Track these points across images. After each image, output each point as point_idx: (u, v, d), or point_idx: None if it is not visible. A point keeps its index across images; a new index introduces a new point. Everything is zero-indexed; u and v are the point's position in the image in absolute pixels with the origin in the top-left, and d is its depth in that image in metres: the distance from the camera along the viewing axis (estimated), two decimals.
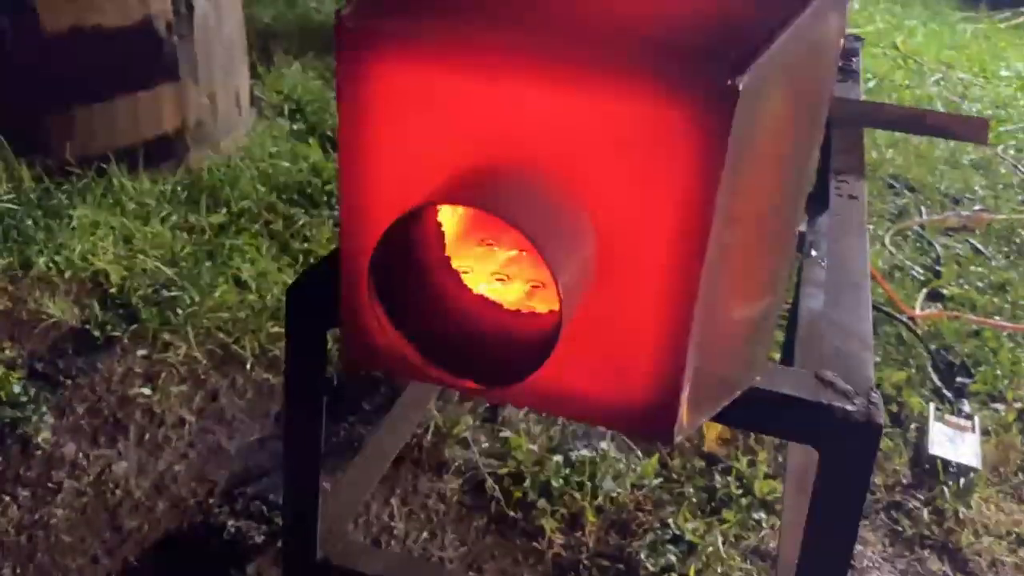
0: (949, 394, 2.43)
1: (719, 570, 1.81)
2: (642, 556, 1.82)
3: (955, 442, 2.20)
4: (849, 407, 0.86)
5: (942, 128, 1.52)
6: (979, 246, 3.30)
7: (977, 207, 3.60)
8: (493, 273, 0.83)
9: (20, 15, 2.76)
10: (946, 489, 2.06)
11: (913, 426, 2.29)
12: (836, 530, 0.90)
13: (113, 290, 2.42)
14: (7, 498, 1.83)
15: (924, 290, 2.92)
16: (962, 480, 2.09)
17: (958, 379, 2.49)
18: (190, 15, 2.93)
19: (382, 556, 1.43)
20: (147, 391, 2.12)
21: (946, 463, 2.12)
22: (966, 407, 2.37)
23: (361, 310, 0.80)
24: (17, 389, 2.05)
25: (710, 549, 1.83)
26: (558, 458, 2.00)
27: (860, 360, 0.93)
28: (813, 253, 2.09)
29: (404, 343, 0.74)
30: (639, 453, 2.07)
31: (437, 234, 0.79)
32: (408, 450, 2.01)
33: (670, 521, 1.91)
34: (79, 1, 2.73)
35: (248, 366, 2.24)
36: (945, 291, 2.95)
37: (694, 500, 1.98)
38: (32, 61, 2.82)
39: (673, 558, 1.81)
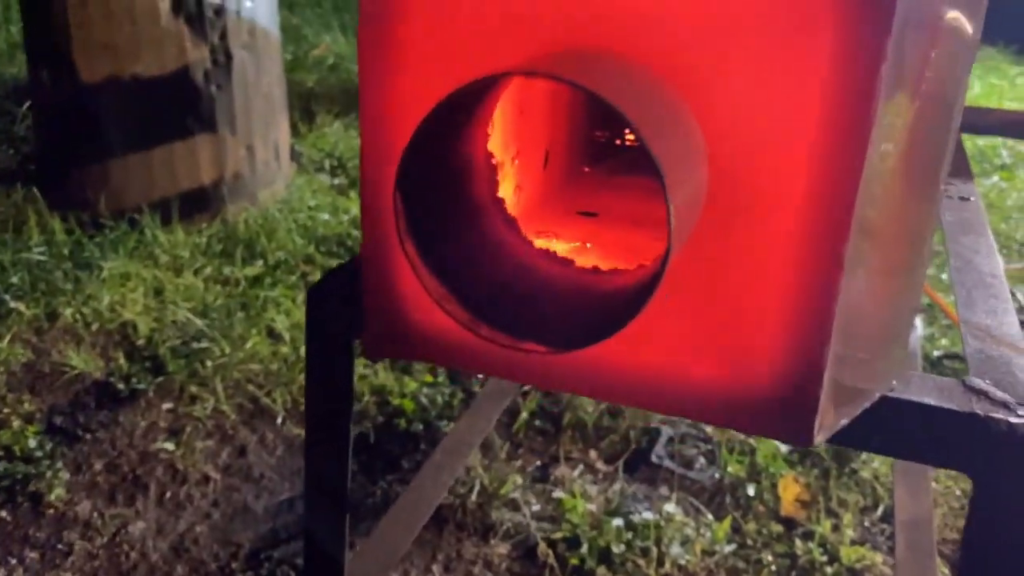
0: None
1: None
2: None
3: None
4: (1013, 419, 0.67)
5: None
6: None
7: None
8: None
9: (57, 65, 2.72)
10: None
11: None
12: None
13: (141, 342, 2.29)
14: (13, 560, 1.66)
15: None
16: None
17: None
18: (228, 65, 2.87)
19: None
20: (170, 446, 1.96)
21: None
22: None
23: (386, 266, 0.64)
24: (32, 444, 1.90)
25: None
26: (618, 521, 1.79)
27: (1016, 366, 0.74)
28: None
29: (440, 292, 0.56)
30: (709, 516, 1.86)
31: (487, 167, 0.62)
32: (451, 512, 1.82)
33: None
34: (116, 50, 2.69)
35: (279, 421, 2.08)
36: None
37: (773, 568, 1.75)
38: (68, 112, 2.77)
39: None
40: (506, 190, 0.65)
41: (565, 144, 0.97)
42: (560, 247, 0.65)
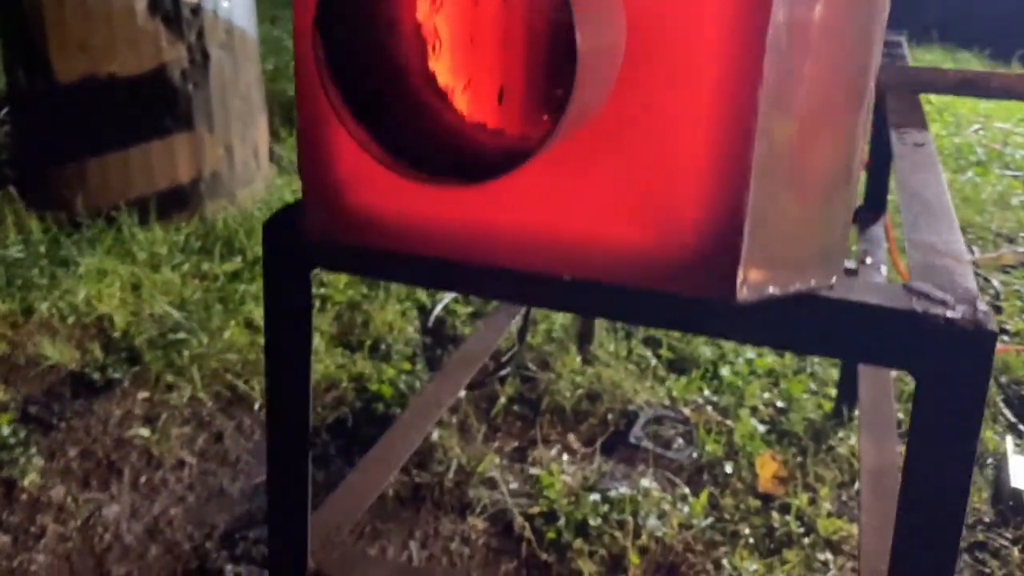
0: None
1: None
2: None
3: None
4: (951, 314, 0.68)
5: (1009, 90, 1.37)
6: None
7: None
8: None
9: (33, 66, 2.72)
10: None
11: (989, 462, 2.06)
12: (943, 482, 0.70)
13: (117, 334, 2.29)
14: None
15: None
16: None
17: None
18: (205, 64, 2.88)
19: (383, 566, 1.22)
20: (146, 432, 1.96)
21: None
22: None
23: (322, 143, 0.64)
24: (6, 432, 1.89)
25: None
26: (595, 496, 1.80)
27: (957, 273, 0.75)
28: (868, 260, 1.91)
29: (362, 135, 0.56)
30: (686, 491, 1.86)
31: (415, 38, 0.63)
32: (428, 490, 1.82)
33: (724, 562, 1.69)
34: (93, 49, 2.69)
35: (257, 407, 2.07)
36: (1009, 326, 2.74)
37: (751, 540, 1.75)
38: (45, 112, 2.78)
39: None
40: (442, 70, 0.66)
41: (522, 89, 0.98)
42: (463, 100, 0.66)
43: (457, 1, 0.74)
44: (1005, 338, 2.66)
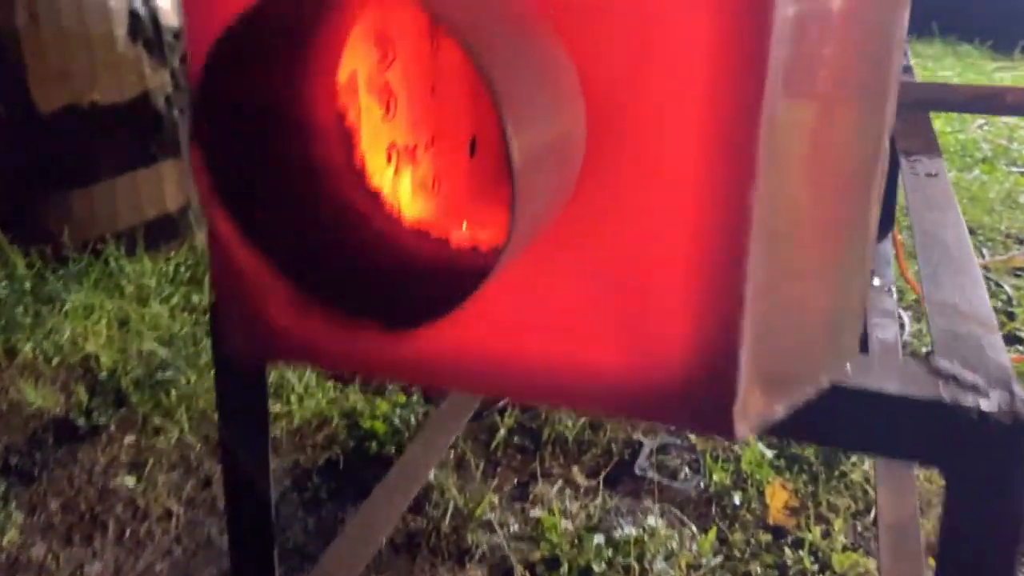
0: None
1: None
2: None
3: None
4: (984, 404, 0.60)
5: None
6: None
7: None
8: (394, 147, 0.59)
9: (13, 96, 2.65)
10: None
11: None
12: None
13: (103, 375, 2.22)
14: None
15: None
16: None
17: None
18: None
19: None
20: (131, 481, 1.88)
21: None
22: None
23: (234, 257, 0.56)
24: None
25: None
26: (599, 538, 1.72)
27: (986, 344, 0.67)
28: (876, 282, 1.83)
29: (260, 264, 0.48)
30: (693, 528, 1.78)
31: (336, 129, 0.55)
32: (424, 536, 1.74)
33: None
34: (73, 79, 2.62)
35: None
36: (1022, 333, 2.65)
37: None
38: (27, 143, 2.70)
39: None
40: (404, 205, 0.58)
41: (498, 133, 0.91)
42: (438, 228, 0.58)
43: (412, 57, 0.66)
44: (1020, 348, 2.57)
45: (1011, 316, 2.76)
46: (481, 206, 0.82)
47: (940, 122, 4.84)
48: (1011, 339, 2.62)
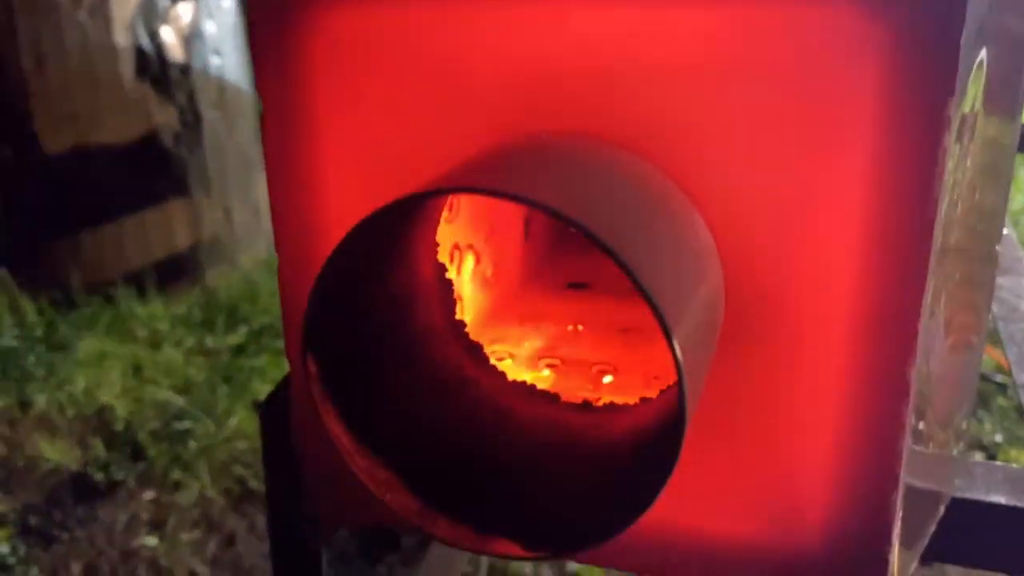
0: None
1: None
2: None
3: None
4: None
5: None
6: None
7: None
8: (537, 357, 0.55)
9: (20, 140, 2.61)
10: None
11: None
12: None
13: (119, 427, 2.17)
14: None
15: None
16: None
17: None
18: (198, 125, 2.76)
19: None
20: (153, 541, 1.83)
21: None
22: None
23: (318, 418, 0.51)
24: (5, 549, 1.77)
25: None
26: None
27: None
28: None
29: (378, 477, 0.44)
30: None
31: (436, 285, 0.51)
32: None
33: None
34: (79, 119, 2.58)
35: None
36: None
37: None
38: (34, 186, 2.66)
39: None
40: (468, 302, 0.53)
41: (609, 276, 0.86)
42: (541, 377, 0.53)
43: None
44: None
45: None
46: (540, 289, 0.77)
47: None
48: None
